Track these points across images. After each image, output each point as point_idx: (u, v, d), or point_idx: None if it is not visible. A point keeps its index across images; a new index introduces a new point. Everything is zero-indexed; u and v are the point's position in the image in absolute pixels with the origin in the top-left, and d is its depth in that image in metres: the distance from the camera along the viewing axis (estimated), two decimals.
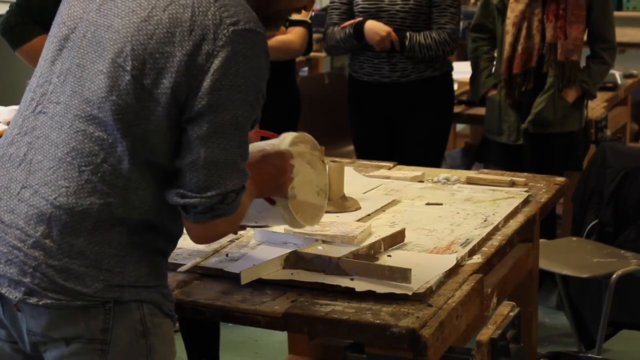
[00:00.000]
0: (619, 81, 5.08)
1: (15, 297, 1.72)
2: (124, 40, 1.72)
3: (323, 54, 6.16)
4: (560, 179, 2.84)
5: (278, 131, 2.71)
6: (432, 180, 2.81)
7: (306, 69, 6.48)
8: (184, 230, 1.85)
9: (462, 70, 4.47)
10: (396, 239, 2.22)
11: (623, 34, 5.35)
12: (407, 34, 3.79)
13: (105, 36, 1.75)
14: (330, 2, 4.03)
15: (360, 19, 3.83)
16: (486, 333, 1.85)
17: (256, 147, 2.07)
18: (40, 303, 1.71)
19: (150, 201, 1.76)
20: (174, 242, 1.87)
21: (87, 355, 1.74)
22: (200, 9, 1.72)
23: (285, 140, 2.08)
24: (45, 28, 2.85)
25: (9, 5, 3.25)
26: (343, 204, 2.47)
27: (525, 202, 2.60)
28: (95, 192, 1.72)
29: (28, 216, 1.73)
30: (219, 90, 1.71)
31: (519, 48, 3.90)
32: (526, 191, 2.67)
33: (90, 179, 1.72)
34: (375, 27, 3.78)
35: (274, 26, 1.95)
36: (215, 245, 2.19)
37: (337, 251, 2.12)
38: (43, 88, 1.81)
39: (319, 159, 2.19)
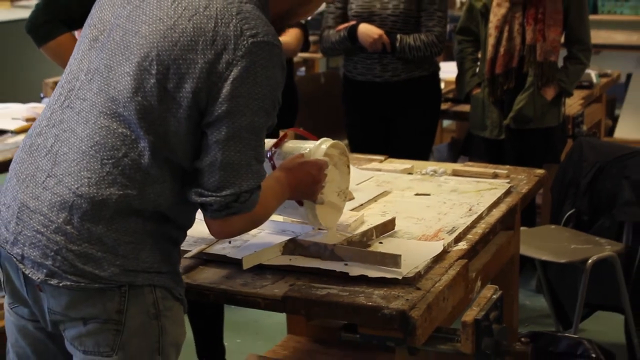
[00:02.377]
0: (594, 80, 5.08)
1: (38, 278, 1.74)
2: (151, 46, 1.73)
3: (319, 55, 6.14)
4: (540, 171, 2.85)
5: (277, 127, 2.71)
6: (420, 172, 2.81)
7: (303, 69, 6.48)
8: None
9: (448, 70, 4.47)
10: (387, 227, 2.23)
11: (598, 36, 5.35)
12: (398, 36, 3.78)
13: (133, 41, 1.75)
14: (326, 7, 4.02)
15: (353, 22, 3.83)
16: (471, 314, 1.85)
17: (295, 149, 2.11)
18: (61, 285, 1.72)
19: (166, 194, 1.77)
20: (185, 231, 1.89)
21: (102, 334, 1.75)
22: (223, 21, 1.72)
23: (321, 147, 2.11)
24: (70, 26, 2.85)
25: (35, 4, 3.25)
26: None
27: (507, 192, 2.60)
28: (115, 184, 1.73)
29: (52, 203, 1.73)
30: (238, 98, 1.72)
31: (501, 49, 3.90)
32: (508, 182, 2.68)
33: (111, 172, 1.73)
34: (368, 30, 3.78)
35: (280, 32, 1.95)
36: None
37: (331, 238, 2.12)
38: (71, 84, 1.82)
39: (345, 163, 2.23)
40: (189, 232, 2.13)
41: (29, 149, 1.83)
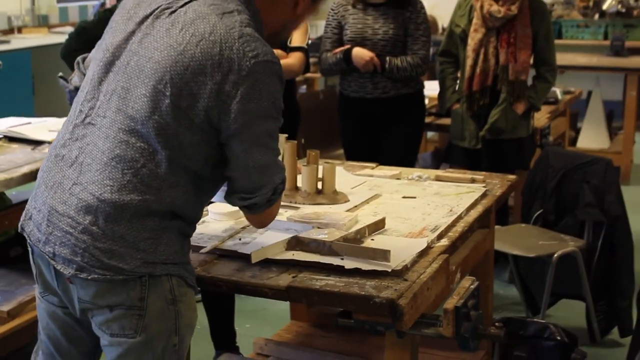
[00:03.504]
0: (559, 97, 5.09)
1: (69, 273, 1.74)
2: (164, 71, 1.72)
3: (318, 75, 6.14)
4: (512, 177, 2.84)
5: None
6: (407, 177, 2.80)
7: (304, 87, 6.47)
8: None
9: (431, 88, 4.46)
10: (378, 226, 2.22)
11: (562, 58, 5.35)
12: (387, 58, 3.78)
13: (147, 66, 1.75)
14: (324, 32, 4.02)
15: (348, 46, 3.82)
16: (451, 302, 1.85)
17: None
18: (89, 277, 1.72)
19: (180, 197, 1.77)
20: (195, 225, 1.89)
21: (127, 319, 1.75)
22: (227, 44, 1.71)
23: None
24: None
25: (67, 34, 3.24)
26: (334, 197, 2.47)
27: (483, 195, 2.60)
28: (135, 191, 1.73)
29: (78, 207, 1.73)
30: (248, 112, 1.73)
31: (478, 70, 3.90)
32: (484, 187, 2.67)
33: (131, 180, 1.73)
34: (360, 53, 3.78)
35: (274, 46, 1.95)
36: (230, 231, 2.20)
37: (329, 235, 2.12)
38: (91, 103, 1.81)
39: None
40: (204, 230, 2.13)
41: (54, 159, 1.82)
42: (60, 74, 2.98)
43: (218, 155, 1.80)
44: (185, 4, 1.78)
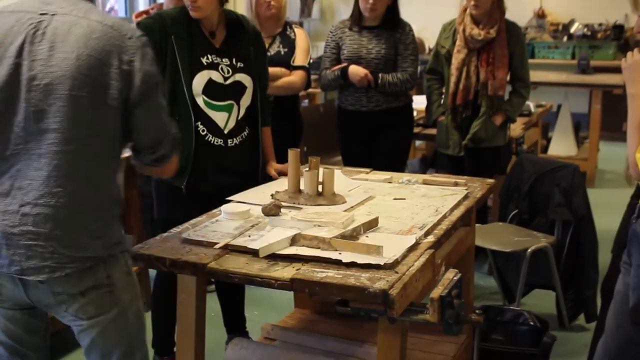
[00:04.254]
0: (532, 109, 5.11)
1: (44, 277, 1.74)
2: (72, 78, 1.72)
3: (319, 90, 6.13)
4: (490, 181, 2.84)
5: (287, 147, 2.72)
6: (397, 181, 2.81)
7: (306, 101, 6.46)
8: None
9: (419, 102, 4.47)
10: (372, 224, 2.23)
11: (535, 76, 5.36)
12: (380, 74, 3.79)
13: (54, 83, 1.72)
14: (324, 52, 4.02)
15: (345, 64, 3.83)
16: (436, 292, 1.85)
17: None
18: (63, 274, 1.74)
19: (111, 180, 1.84)
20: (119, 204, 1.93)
21: (100, 297, 1.80)
22: (108, 35, 1.75)
23: None
24: None
25: None
26: (333, 199, 2.47)
27: (465, 197, 2.60)
28: (83, 188, 1.75)
29: (36, 221, 1.72)
30: (147, 80, 1.78)
31: (461, 86, 3.90)
32: (466, 189, 2.67)
33: (76, 180, 1.74)
34: (356, 70, 3.78)
35: None
36: (240, 229, 2.20)
37: (329, 233, 2.13)
38: (2, 140, 1.75)
39: None
40: (217, 228, 2.14)
41: None
42: None
43: (122, 130, 1.81)
44: (49, 21, 1.74)
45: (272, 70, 3.34)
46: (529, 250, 3.34)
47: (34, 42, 1.73)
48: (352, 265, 1.93)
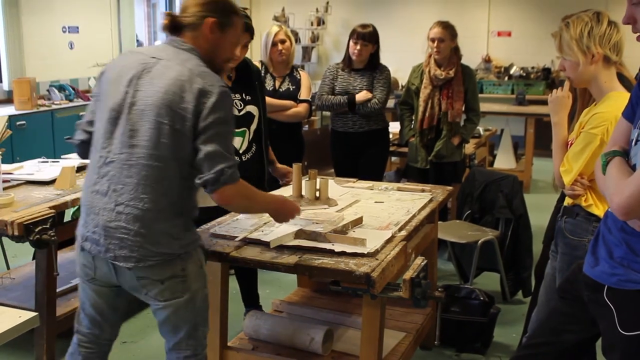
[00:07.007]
0: (482, 133, 5.10)
1: (131, 265, 1.72)
2: (159, 108, 1.70)
3: (317, 117, 6.15)
4: (450, 188, 2.85)
5: (292, 161, 2.70)
6: (378, 188, 2.81)
7: (307, 126, 6.47)
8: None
9: (394, 126, 4.46)
10: (357, 222, 2.23)
11: (484, 106, 5.33)
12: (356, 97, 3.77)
13: (147, 110, 1.71)
14: (322, 82, 3.97)
15: (351, 94, 3.78)
16: (408, 274, 1.85)
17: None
18: (147, 265, 1.72)
19: (189, 195, 1.77)
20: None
21: (175, 285, 1.76)
22: (193, 80, 1.70)
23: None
24: None
25: None
26: (328, 202, 2.47)
27: (430, 200, 2.60)
28: (165, 198, 1.71)
29: (128, 219, 1.70)
30: (214, 121, 1.68)
31: (427, 114, 3.90)
32: (430, 195, 2.68)
33: (159, 191, 1.71)
34: (361, 96, 3.77)
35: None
36: (255, 225, 2.18)
37: (324, 228, 2.12)
38: (107, 149, 1.75)
39: None
40: (237, 225, 2.12)
41: (91, 195, 1.77)
42: (68, 136, 2.67)
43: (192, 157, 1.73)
44: (155, 64, 1.76)
45: (283, 102, 3.39)
46: (479, 241, 3.33)
47: (141, 77, 1.75)
48: (342, 254, 1.93)
